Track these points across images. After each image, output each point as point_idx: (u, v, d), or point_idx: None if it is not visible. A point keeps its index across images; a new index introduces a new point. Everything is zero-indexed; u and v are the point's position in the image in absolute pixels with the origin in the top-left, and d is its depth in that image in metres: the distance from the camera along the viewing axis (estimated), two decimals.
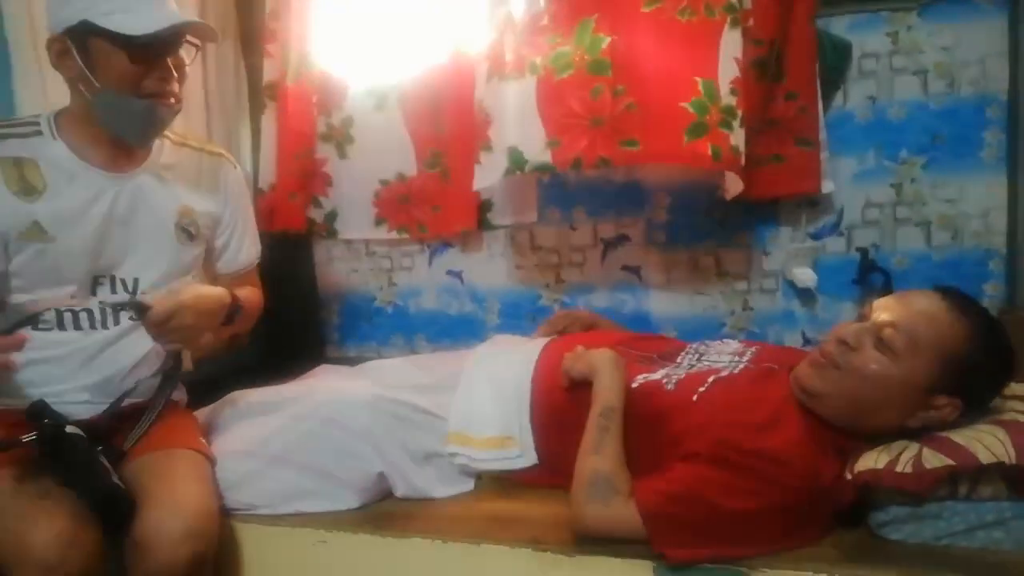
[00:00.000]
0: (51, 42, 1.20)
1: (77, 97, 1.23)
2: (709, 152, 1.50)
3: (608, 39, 1.53)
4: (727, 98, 1.51)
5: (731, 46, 1.53)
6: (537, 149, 1.58)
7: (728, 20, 1.51)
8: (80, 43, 1.17)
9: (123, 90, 1.20)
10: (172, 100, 1.25)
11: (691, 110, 1.50)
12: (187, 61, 1.27)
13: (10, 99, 1.37)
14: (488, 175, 1.67)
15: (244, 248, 1.49)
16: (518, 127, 1.60)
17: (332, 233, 2.03)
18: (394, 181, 1.95)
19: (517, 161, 1.60)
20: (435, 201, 1.93)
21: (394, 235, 1.99)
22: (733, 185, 1.69)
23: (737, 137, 1.53)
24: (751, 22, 1.56)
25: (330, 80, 1.90)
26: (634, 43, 1.54)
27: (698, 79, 1.51)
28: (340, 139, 1.96)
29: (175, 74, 1.24)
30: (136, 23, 1.16)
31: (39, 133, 1.23)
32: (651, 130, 1.53)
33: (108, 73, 1.19)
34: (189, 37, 1.25)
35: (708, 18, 1.51)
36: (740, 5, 1.53)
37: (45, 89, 1.39)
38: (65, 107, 1.27)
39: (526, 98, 1.59)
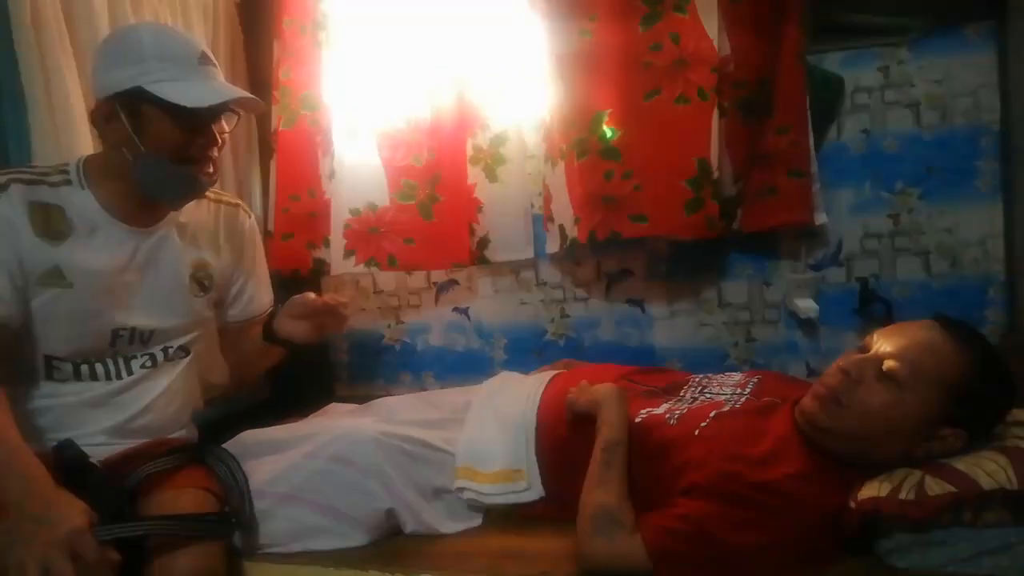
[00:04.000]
0: (100, 105, 1.23)
1: (112, 153, 1.26)
2: (705, 223, 1.68)
3: (619, 132, 1.69)
4: (718, 172, 1.65)
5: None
6: (570, 224, 1.80)
7: (718, 101, 1.64)
8: (129, 108, 1.20)
9: (167, 155, 1.22)
10: (211, 169, 1.29)
11: (689, 188, 1.65)
12: (227, 129, 1.30)
13: (27, 148, 1.40)
14: (553, 243, 1.90)
15: (258, 295, 1.53)
16: (562, 205, 1.81)
17: (321, 271, 2.00)
18: (364, 211, 1.90)
19: (564, 236, 1.84)
20: (408, 233, 1.89)
21: (362, 268, 1.94)
22: None
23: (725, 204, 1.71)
24: (731, 67, 1.63)
25: (327, 121, 1.92)
26: (639, 132, 1.70)
27: (694, 159, 1.65)
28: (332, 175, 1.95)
29: (219, 141, 1.28)
30: (192, 95, 1.19)
31: (68, 183, 1.25)
32: (657, 207, 1.70)
33: (155, 138, 1.21)
34: (232, 107, 1.29)
35: (701, 101, 1.65)
36: (720, 52, 1.62)
37: (58, 139, 1.42)
38: (93, 156, 1.30)
39: (562, 179, 1.79)
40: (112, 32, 1.21)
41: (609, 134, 1.70)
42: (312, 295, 1.46)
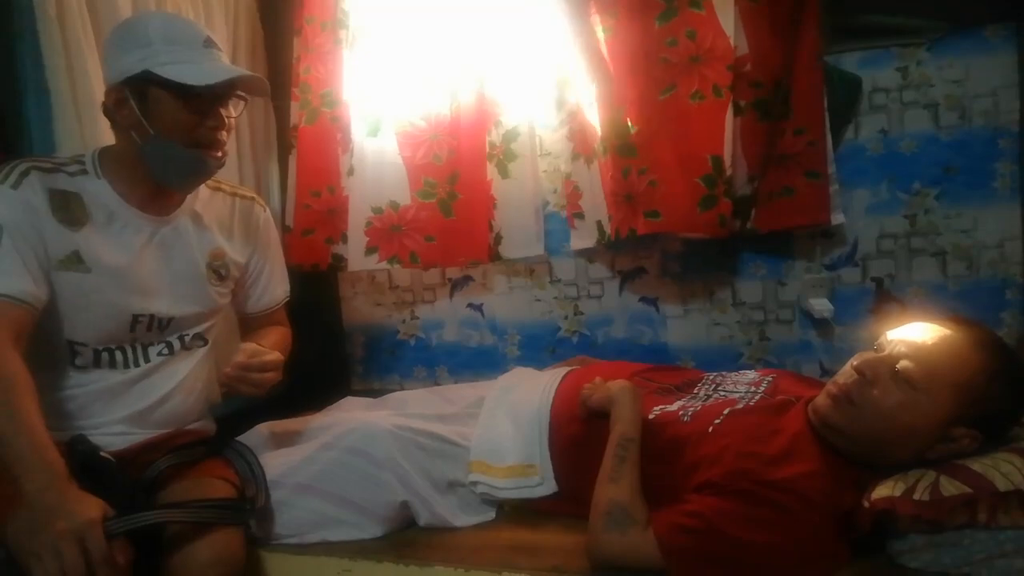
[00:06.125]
0: (110, 92, 1.25)
1: (125, 141, 1.27)
2: (718, 221, 1.68)
3: (635, 128, 1.69)
4: (731, 169, 1.66)
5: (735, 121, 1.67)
6: (605, 221, 1.82)
7: (733, 100, 1.64)
8: (138, 92, 1.22)
9: (176, 138, 1.24)
10: (220, 153, 1.30)
11: (703, 184, 1.66)
12: (234, 114, 1.32)
13: (51, 141, 1.41)
14: (583, 239, 1.90)
15: (273, 286, 1.54)
16: (598, 202, 1.82)
17: (339, 267, 2.01)
18: (387, 209, 1.90)
19: (601, 233, 1.84)
20: (429, 231, 1.90)
21: (384, 265, 1.95)
22: None
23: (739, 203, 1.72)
24: (748, 66, 1.64)
25: (347, 118, 1.93)
26: (655, 128, 1.70)
27: (708, 156, 1.65)
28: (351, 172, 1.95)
29: (226, 124, 1.29)
30: (197, 74, 1.21)
31: (84, 172, 1.27)
32: (670, 203, 1.70)
33: (163, 121, 1.23)
34: (239, 91, 1.31)
35: (716, 99, 1.65)
36: (737, 51, 1.63)
37: (82, 132, 1.44)
38: (109, 147, 1.32)
39: (597, 176, 1.81)
40: (121, 22, 1.24)
41: (628, 131, 1.70)
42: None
